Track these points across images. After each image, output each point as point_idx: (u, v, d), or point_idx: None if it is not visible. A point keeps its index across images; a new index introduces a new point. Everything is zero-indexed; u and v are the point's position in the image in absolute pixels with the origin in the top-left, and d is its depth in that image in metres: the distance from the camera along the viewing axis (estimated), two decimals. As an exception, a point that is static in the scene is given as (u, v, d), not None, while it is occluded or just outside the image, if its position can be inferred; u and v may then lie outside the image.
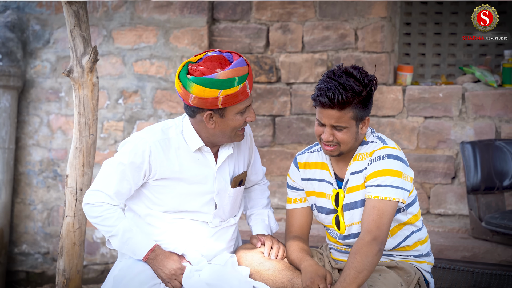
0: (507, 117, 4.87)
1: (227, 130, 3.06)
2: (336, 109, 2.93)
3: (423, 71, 5.37)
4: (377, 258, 2.89)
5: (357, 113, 2.96)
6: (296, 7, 5.26)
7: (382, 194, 2.93)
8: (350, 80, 2.93)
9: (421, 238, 3.14)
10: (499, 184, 4.58)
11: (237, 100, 3.00)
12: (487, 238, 4.54)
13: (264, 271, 3.08)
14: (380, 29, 5.09)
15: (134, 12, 5.54)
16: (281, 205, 5.35)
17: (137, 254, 3.07)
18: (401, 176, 2.97)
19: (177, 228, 3.15)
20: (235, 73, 2.97)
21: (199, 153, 3.13)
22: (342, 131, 2.98)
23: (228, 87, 2.95)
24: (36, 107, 5.80)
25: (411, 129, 5.04)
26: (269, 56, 5.34)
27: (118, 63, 5.59)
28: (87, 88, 3.32)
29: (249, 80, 3.02)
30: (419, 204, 3.20)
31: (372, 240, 2.89)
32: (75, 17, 3.26)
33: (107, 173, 3.09)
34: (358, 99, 2.94)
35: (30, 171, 5.82)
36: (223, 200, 3.19)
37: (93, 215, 3.09)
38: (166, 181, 3.11)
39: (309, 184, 3.21)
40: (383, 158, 2.98)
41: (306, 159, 3.23)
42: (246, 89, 3.00)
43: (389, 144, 3.04)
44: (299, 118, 5.27)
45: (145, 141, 3.07)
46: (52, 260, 5.82)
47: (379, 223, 2.91)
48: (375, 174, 2.97)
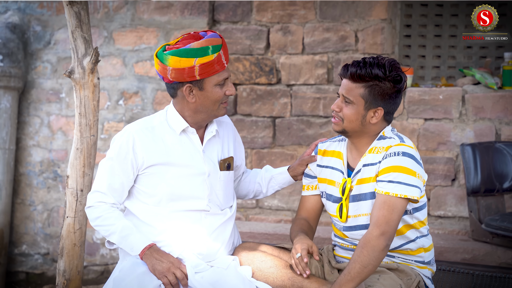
0: (507, 119, 4.87)
1: (208, 104, 3.12)
2: (350, 80, 3.03)
3: (423, 73, 5.38)
4: (383, 254, 2.91)
5: (368, 95, 3.01)
6: (296, 9, 5.26)
7: (394, 191, 2.94)
8: (375, 63, 3.02)
9: (425, 245, 3.13)
10: (499, 186, 4.59)
11: (214, 70, 3.06)
12: (487, 240, 4.54)
13: (266, 269, 3.10)
14: (380, 31, 5.09)
15: (135, 13, 5.55)
16: (281, 207, 5.35)
17: (134, 250, 3.09)
18: (415, 175, 2.98)
19: (176, 227, 3.15)
20: (208, 43, 3.05)
21: (184, 135, 3.18)
22: (348, 106, 3.04)
23: (203, 55, 3.03)
24: (36, 108, 5.80)
25: (411, 131, 5.05)
26: (269, 57, 5.35)
27: (119, 64, 5.60)
28: (88, 89, 3.33)
29: (224, 51, 3.09)
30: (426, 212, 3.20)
31: (380, 234, 2.90)
32: (76, 18, 3.27)
33: (99, 173, 3.17)
34: (374, 82, 3.00)
35: (31, 171, 5.83)
36: (215, 183, 3.21)
37: (94, 216, 3.15)
38: (155, 168, 3.14)
39: (323, 171, 3.25)
40: (398, 155, 2.99)
41: (326, 147, 3.28)
42: (221, 59, 3.07)
43: (406, 142, 3.05)
44: (299, 120, 5.28)
45: (127, 132, 3.14)
46: (52, 261, 5.82)
47: (389, 219, 2.92)
48: (388, 170, 2.98)
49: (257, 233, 4.94)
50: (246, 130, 5.38)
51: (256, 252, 3.17)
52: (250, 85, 5.38)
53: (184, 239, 3.15)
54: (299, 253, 3.02)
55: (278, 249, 3.24)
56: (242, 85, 5.40)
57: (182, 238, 3.15)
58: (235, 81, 5.39)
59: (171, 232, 3.15)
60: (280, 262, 3.13)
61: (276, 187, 3.47)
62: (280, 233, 4.91)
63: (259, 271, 3.11)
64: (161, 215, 3.16)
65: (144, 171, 3.15)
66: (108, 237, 3.14)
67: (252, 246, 3.23)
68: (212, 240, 3.20)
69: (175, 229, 3.15)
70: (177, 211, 3.16)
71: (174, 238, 3.15)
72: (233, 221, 3.31)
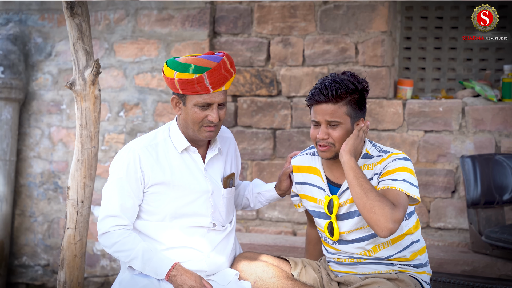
0: (507, 132, 4.88)
1: (189, 121, 3.11)
2: (330, 103, 3.01)
3: (423, 85, 5.39)
4: (388, 225, 2.86)
5: (351, 111, 3.03)
6: (297, 21, 5.28)
7: (400, 186, 2.96)
8: (343, 79, 3.04)
9: (419, 248, 3.16)
10: (499, 198, 4.59)
11: (193, 90, 3.05)
12: (487, 252, 4.54)
13: (268, 279, 3.12)
14: (381, 43, 5.11)
15: (135, 25, 5.57)
16: (281, 218, 5.35)
17: (159, 274, 3.07)
18: (414, 175, 3.02)
19: (177, 243, 3.15)
20: (194, 62, 3.05)
21: (186, 154, 3.18)
22: (337, 129, 3.03)
23: (182, 71, 3.03)
24: (37, 119, 5.81)
25: (411, 143, 5.05)
26: (270, 69, 5.36)
27: (120, 76, 5.61)
28: (89, 100, 3.34)
29: (210, 75, 3.04)
30: (418, 217, 3.22)
31: (395, 208, 2.88)
32: (77, 30, 3.28)
33: (107, 196, 3.14)
34: (351, 97, 3.02)
35: (31, 183, 5.83)
36: (218, 201, 3.21)
37: (111, 242, 3.11)
38: (159, 187, 3.14)
39: (303, 187, 3.26)
40: (399, 159, 3.03)
41: (299, 163, 3.29)
42: (204, 82, 3.03)
43: (390, 150, 3.10)
44: (299, 131, 5.29)
45: (133, 150, 3.14)
46: (52, 272, 5.81)
47: (397, 203, 2.91)
48: (391, 171, 3.01)
49: (258, 245, 4.94)
50: (247, 142, 5.38)
51: (258, 262, 3.19)
52: (251, 97, 5.39)
53: (186, 256, 3.15)
54: None
55: (278, 260, 3.26)
56: (242, 97, 5.41)
57: (184, 256, 3.15)
58: (235, 93, 5.41)
59: (173, 249, 3.15)
60: (281, 273, 3.14)
61: (264, 202, 3.48)
62: (280, 245, 4.91)
63: (261, 281, 3.12)
64: (162, 230, 3.16)
65: (148, 189, 3.14)
66: (129, 263, 3.12)
67: (253, 256, 3.25)
68: (214, 256, 3.20)
69: (177, 245, 3.15)
70: (180, 228, 3.17)
71: (176, 255, 3.15)
72: (233, 234, 3.32)
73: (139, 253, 3.07)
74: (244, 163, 5.39)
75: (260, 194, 3.47)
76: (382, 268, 3.11)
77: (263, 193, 3.47)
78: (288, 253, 4.81)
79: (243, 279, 3.17)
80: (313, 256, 3.44)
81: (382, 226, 2.85)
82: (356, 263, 3.16)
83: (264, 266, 3.16)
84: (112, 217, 3.11)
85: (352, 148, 2.99)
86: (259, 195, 3.47)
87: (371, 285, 3.01)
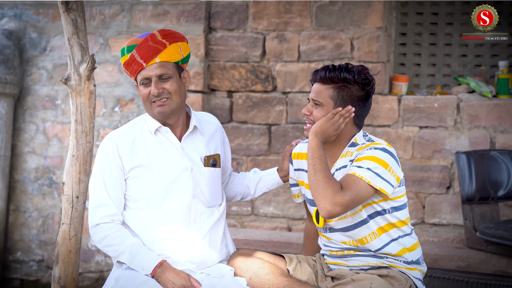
0: (501, 128, 4.89)
1: (143, 102, 3.21)
2: (319, 83, 3.10)
3: (419, 81, 5.40)
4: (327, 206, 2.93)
5: (337, 97, 3.07)
6: (292, 17, 5.28)
7: (361, 174, 2.97)
8: (344, 67, 3.09)
9: (407, 245, 3.14)
10: (493, 194, 4.60)
11: (132, 70, 3.17)
12: (482, 248, 4.55)
13: (263, 276, 3.12)
14: (376, 39, 5.11)
15: (131, 21, 5.56)
16: (276, 214, 5.36)
17: (145, 269, 3.08)
18: (387, 168, 3.00)
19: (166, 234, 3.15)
20: (127, 43, 3.20)
21: (160, 135, 3.22)
22: (318, 109, 3.10)
23: (122, 56, 3.20)
24: (32, 115, 5.80)
25: (406, 138, 5.06)
26: (265, 65, 5.36)
27: (115, 71, 5.60)
28: (84, 96, 3.33)
29: (139, 50, 3.14)
30: (410, 213, 3.22)
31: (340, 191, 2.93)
32: (73, 25, 3.27)
33: (94, 188, 3.19)
34: (342, 84, 3.07)
35: (26, 178, 5.82)
36: (199, 179, 3.22)
37: (100, 237, 3.14)
38: (138, 170, 3.17)
39: (300, 174, 3.29)
40: (371, 149, 3.05)
41: (299, 150, 3.33)
42: (136, 58, 3.14)
43: (376, 141, 3.12)
44: (294, 127, 5.29)
45: (110, 139, 3.20)
46: (47, 268, 5.81)
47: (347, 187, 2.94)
48: (360, 159, 3.03)
49: (253, 240, 4.94)
50: (242, 137, 5.38)
51: (254, 259, 3.19)
52: (246, 93, 5.39)
53: (175, 248, 3.15)
54: None
55: (274, 256, 3.26)
56: (237, 92, 5.41)
57: (172, 247, 3.15)
58: (230, 88, 5.40)
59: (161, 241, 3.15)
60: (276, 269, 3.15)
61: (264, 188, 3.50)
62: (276, 240, 4.92)
63: (256, 277, 3.12)
64: (150, 222, 3.16)
65: (128, 175, 3.18)
66: (117, 257, 3.13)
67: (248, 253, 3.25)
68: (203, 246, 3.20)
69: (165, 237, 3.15)
70: (165, 216, 3.16)
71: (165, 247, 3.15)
72: (223, 223, 3.31)
73: (127, 247, 3.09)
74: (239, 158, 5.39)
75: (261, 179, 3.49)
76: (372, 261, 3.12)
77: (264, 178, 3.49)
78: (283, 249, 4.81)
79: (238, 276, 3.17)
80: (310, 251, 3.45)
81: (321, 206, 2.93)
82: (347, 255, 3.17)
83: (260, 263, 3.17)
84: (100, 207, 3.15)
85: (319, 130, 3.05)
86: (260, 181, 3.49)
87: (363, 281, 3.01)
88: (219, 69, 5.43)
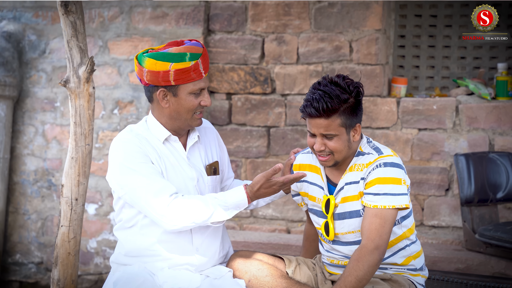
0: (500, 130, 4.89)
1: (182, 111, 3.11)
2: (323, 118, 2.96)
3: (417, 84, 5.40)
4: (376, 268, 2.93)
5: (345, 120, 2.99)
6: (291, 19, 5.28)
7: (382, 203, 2.95)
8: (335, 89, 2.96)
9: (414, 252, 3.15)
10: (492, 197, 4.60)
11: (189, 78, 3.06)
12: (481, 250, 4.56)
13: (262, 277, 3.12)
14: (375, 41, 5.11)
15: (130, 23, 5.56)
16: (275, 216, 5.36)
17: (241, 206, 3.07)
18: (400, 183, 2.99)
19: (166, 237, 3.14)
20: (187, 50, 3.06)
21: (167, 143, 3.18)
22: (333, 140, 3.00)
23: (179, 61, 3.04)
24: (31, 117, 5.80)
25: (405, 141, 5.06)
26: (264, 67, 5.36)
27: (114, 74, 5.61)
28: (84, 98, 3.33)
29: (203, 61, 3.09)
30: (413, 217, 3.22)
31: (374, 249, 2.91)
32: (72, 27, 3.27)
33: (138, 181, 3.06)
34: (344, 106, 2.97)
35: (25, 180, 5.82)
36: (204, 189, 3.21)
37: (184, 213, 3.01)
38: None
39: (304, 185, 3.25)
40: (380, 166, 3.00)
41: (300, 161, 3.28)
42: (199, 68, 3.07)
43: (384, 153, 3.05)
44: (293, 129, 5.29)
45: (126, 136, 3.13)
46: (46, 270, 5.81)
47: (382, 232, 2.93)
48: (373, 183, 2.98)
49: (251, 243, 4.94)
50: (241, 140, 5.39)
51: (253, 260, 3.18)
52: (245, 95, 5.39)
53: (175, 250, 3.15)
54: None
55: (273, 258, 3.26)
56: (236, 94, 5.41)
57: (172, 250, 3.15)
58: (229, 91, 5.40)
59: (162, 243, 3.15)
60: (276, 271, 3.14)
61: (267, 199, 3.43)
62: (275, 243, 4.92)
63: (255, 279, 3.12)
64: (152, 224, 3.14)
65: None
66: (211, 218, 3.04)
67: (247, 254, 3.24)
68: (202, 249, 3.20)
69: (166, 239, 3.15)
70: None
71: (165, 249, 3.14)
72: (221, 225, 3.30)
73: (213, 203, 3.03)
74: (238, 160, 5.39)
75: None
76: (376, 272, 3.11)
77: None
78: (282, 250, 4.81)
79: (237, 278, 3.17)
80: (309, 253, 3.44)
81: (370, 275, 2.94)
82: None
83: (259, 264, 3.16)
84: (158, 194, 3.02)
85: None
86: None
87: (365, 285, 3.01)
88: (218, 71, 5.43)
